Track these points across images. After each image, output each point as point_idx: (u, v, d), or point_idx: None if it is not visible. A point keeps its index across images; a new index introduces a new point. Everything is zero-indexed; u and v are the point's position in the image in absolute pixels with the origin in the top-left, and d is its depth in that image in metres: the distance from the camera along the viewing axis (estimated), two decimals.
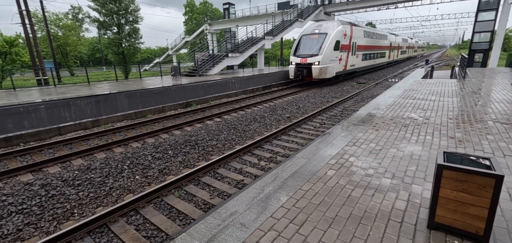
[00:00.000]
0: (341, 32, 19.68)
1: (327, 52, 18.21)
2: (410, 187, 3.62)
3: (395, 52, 39.78)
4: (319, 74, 18.06)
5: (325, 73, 18.40)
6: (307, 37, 19.82)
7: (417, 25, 63.50)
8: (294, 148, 7.34)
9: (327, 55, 18.27)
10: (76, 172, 5.99)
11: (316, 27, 20.10)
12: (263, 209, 3.24)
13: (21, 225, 4.26)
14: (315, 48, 18.56)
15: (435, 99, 9.22)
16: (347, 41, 20.85)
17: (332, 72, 19.23)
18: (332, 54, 18.77)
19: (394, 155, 4.68)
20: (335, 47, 18.96)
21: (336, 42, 18.99)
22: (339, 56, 19.84)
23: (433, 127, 6.19)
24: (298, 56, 19.06)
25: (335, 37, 18.89)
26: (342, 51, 20.22)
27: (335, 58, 19.26)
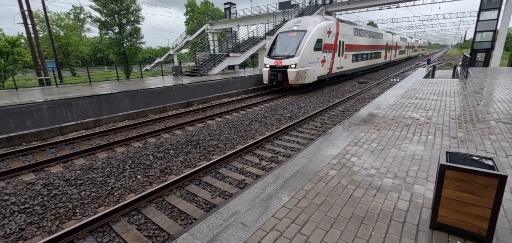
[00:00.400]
0: (324, 29, 16.82)
1: (305, 53, 15.42)
2: (412, 187, 3.60)
3: (393, 52, 36.87)
4: (296, 78, 15.29)
5: (304, 78, 15.69)
6: (284, 35, 16.97)
7: (419, 25, 63.28)
8: (296, 147, 7.33)
9: (305, 57, 15.46)
10: (78, 172, 6.01)
11: (295, 23, 17.31)
12: (265, 209, 3.24)
13: (23, 224, 4.28)
14: (291, 48, 15.86)
15: (437, 99, 9.18)
16: (332, 40, 17.97)
17: (313, 76, 16.40)
18: (312, 55, 15.96)
19: (396, 155, 4.66)
20: (316, 46, 16.27)
21: (317, 41, 16.20)
22: (322, 57, 16.93)
23: (435, 126, 6.17)
24: (272, 58, 16.25)
25: (316, 35, 16.08)
26: (326, 51, 17.34)
27: (316, 60, 16.41)
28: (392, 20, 54.42)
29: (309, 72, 15.95)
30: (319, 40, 16.44)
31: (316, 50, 16.26)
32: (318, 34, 16.35)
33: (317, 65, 16.62)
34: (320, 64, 16.97)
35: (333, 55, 18.58)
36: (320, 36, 16.49)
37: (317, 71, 16.78)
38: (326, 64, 17.75)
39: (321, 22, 16.69)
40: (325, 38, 16.96)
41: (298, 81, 15.54)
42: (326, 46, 17.18)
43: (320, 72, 17.26)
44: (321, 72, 17.33)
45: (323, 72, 17.63)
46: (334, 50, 18.51)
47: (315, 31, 16.10)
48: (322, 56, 17.06)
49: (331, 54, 18.18)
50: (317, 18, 17.16)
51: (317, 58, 16.51)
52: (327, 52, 17.52)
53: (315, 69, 16.55)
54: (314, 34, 16.00)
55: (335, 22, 18.53)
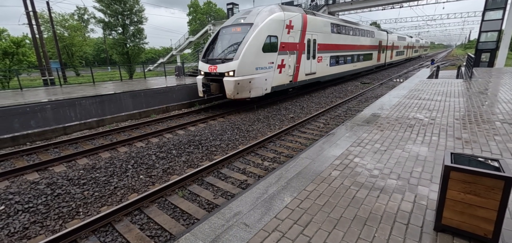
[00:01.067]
0: (280, 23, 12.45)
1: (249, 55, 11.12)
2: (416, 188, 3.57)
3: (388, 53, 32.37)
4: (236, 91, 10.93)
5: (248, 90, 11.40)
6: (226, 31, 12.72)
7: (423, 25, 62.85)
8: (298, 148, 7.31)
9: (249, 60, 11.17)
10: (82, 171, 6.04)
11: (243, 15, 13.09)
12: (267, 209, 3.22)
13: (27, 223, 4.31)
14: (231, 49, 11.73)
15: (441, 100, 9.11)
16: (295, 38, 13.73)
17: (263, 87, 12.08)
18: (260, 58, 11.62)
19: (399, 156, 4.63)
20: (268, 46, 11.90)
21: (268, 39, 11.88)
22: (279, 60, 12.62)
23: (439, 127, 6.11)
24: (207, 62, 11.99)
25: (265, 31, 11.72)
26: (285, 53, 13.01)
27: (268, 64, 12.10)
28: (396, 20, 54.10)
29: (256, 81, 11.58)
30: (271, 38, 12.07)
31: (267, 51, 11.88)
32: (270, 29, 11.93)
33: (269, 72, 12.21)
34: (275, 71, 12.55)
35: (299, 57, 14.17)
36: (273, 32, 12.10)
37: (270, 80, 12.37)
38: (286, 70, 13.31)
39: (275, 13, 12.34)
40: (282, 35, 12.66)
41: (239, 94, 11.13)
42: (285, 45, 12.91)
43: (277, 81, 12.89)
44: (278, 81, 12.92)
45: (281, 81, 13.20)
46: (299, 51, 14.14)
47: (265, 25, 11.68)
48: (279, 60, 12.66)
49: (294, 57, 13.74)
50: (272, 7, 12.78)
51: (269, 62, 12.09)
52: (287, 54, 13.12)
53: (267, 77, 12.13)
54: (262, 29, 11.56)
55: (300, 14, 14.01)
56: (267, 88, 12.34)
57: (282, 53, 12.85)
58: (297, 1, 32.64)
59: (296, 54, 13.91)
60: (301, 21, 14.01)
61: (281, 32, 12.59)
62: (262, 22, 11.67)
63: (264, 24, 11.67)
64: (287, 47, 13.16)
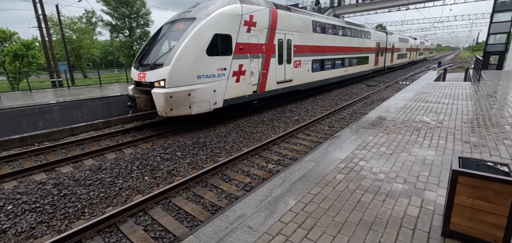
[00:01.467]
0: (233, 18, 9.69)
1: (185, 60, 8.42)
2: (423, 192, 3.51)
3: (388, 56, 29.44)
4: (167, 106, 8.32)
5: (186, 105, 8.66)
6: (169, 28, 10.06)
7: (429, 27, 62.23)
8: (303, 150, 7.27)
9: (185, 67, 8.48)
10: (88, 172, 6.11)
11: (190, 8, 10.39)
12: (271, 212, 3.20)
13: (34, 223, 4.36)
14: (164, 51, 9.37)
15: (448, 103, 8.97)
16: (260, 38, 10.92)
17: (209, 101, 9.25)
18: (203, 63, 8.88)
19: (405, 160, 4.56)
20: (214, 48, 9.10)
21: (215, 38, 9.07)
22: (235, 66, 9.92)
23: (447, 131, 6.01)
24: (138, 67, 9.39)
25: (211, 28, 8.99)
26: (245, 56, 10.27)
27: (216, 72, 9.31)
28: (402, 23, 53.67)
29: (198, 94, 8.80)
30: (221, 37, 9.27)
31: (214, 55, 9.12)
32: (219, 26, 9.18)
33: (220, 81, 9.46)
34: (229, 79, 9.79)
35: (266, 62, 11.40)
36: (223, 29, 9.33)
37: (221, 91, 9.58)
38: (247, 78, 10.54)
39: (228, 6, 9.63)
40: (239, 34, 9.91)
41: (174, 111, 8.43)
42: (243, 47, 10.14)
43: (234, 93, 10.11)
44: (235, 92, 10.16)
45: (240, 92, 10.43)
46: (267, 54, 11.40)
47: (211, 21, 8.97)
48: (235, 65, 9.94)
49: (259, 61, 11.01)
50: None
51: (219, 68, 9.36)
52: (247, 58, 10.34)
53: (217, 88, 9.38)
54: (206, 26, 8.83)
55: (266, 8, 11.13)
56: (217, 101, 9.50)
57: (239, 57, 10.05)
58: (302, 3, 32.68)
59: (261, 58, 11.08)
60: (268, 17, 11.22)
61: (237, 29, 9.82)
62: (207, 16, 8.94)
63: (209, 19, 8.90)
64: (247, 49, 10.34)
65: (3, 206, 4.77)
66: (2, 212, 4.62)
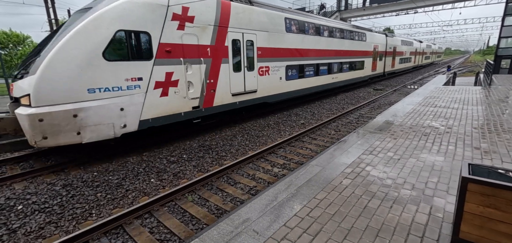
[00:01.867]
0: (152, 9, 7.17)
1: (62, 67, 5.98)
2: (431, 199, 3.44)
3: (389, 60, 26.75)
4: (36, 133, 5.87)
5: (71, 130, 6.20)
6: (68, 22, 7.14)
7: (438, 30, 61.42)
8: (308, 155, 7.22)
9: (65, 76, 6.01)
10: (95, 173, 6.20)
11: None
12: (276, 217, 3.19)
13: (43, 223, 4.44)
14: (37, 55, 6.43)
15: (458, 107, 8.80)
16: (203, 38, 8.51)
17: (113, 123, 6.75)
18: (97, 71, 6.37)
19: (413, 165, 4.49)
20: (118, 50, 6.76)
21: (119, 36, 6.70)
22: (159, 75, 7.48)
23: (456, 136, 5.90)
24: (16, 76, 6.90)
25: (110, 22, 6.54)
26: (177, 62, 7.85)
27: (124, 83, 6.83)
28: (410, 26, 53.09)
29: (92, 114, 6.40)
30: (130, 35, 6.89)
31: (119, 59, 6.73)
32: (126, 19, 6.76)
33: (132, 95, 7.01)
34: (149, 93, 7.33)
35: (214, 69, 8.88)
36: (134, 25, 6.90)
37: (137, 109, 7.16)
38: (183, 90, 8.09)
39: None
40: (163, 31, 7.39)
41: (50, 139, 6.08)
42: (173, 49, 7.64)
43: (160, 110, 7.64)
44: (162, 109, 7.69)
45: (172, 109, 7.94)
46: (215, 59, 8.90)
47: (111, 12, 6.58)
48: (160, 73, 7.47)
49: (202, 68, 8.51)
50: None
51: (129, 78, 6.92)
52: (178, 63, 7.85)
53: (127, 105, 6.94)
54: (103, 19, 6.48)
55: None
56: (128, 123, 6.99)
57: (167, 63, 7.43)
58: (309, 7, 32.70)
59: (206, 65, 8.51)
60: (215, 11, 8.66)
61: (161, 25, 7.23)
62: (106, 6, 6.53)
63: (108, 10, 6.48)
64: (181, 53, 7.77)
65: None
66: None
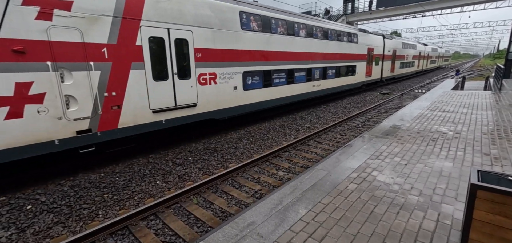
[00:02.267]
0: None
1: None
2: (439, 206, 3.38)
3: (388, 64, 23.77)
4: None
5: None
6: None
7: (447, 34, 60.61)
8: (314, 158, 7.19)
9: None
10: (102, 175, 6.28)
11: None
12: (281, 221, 3.18)
13: (51, 223, 4.52)
14: None
15: (467, 112, 8.65)
16: (95, 33, 6.08)
17: None
18: None
19: (421, 171, 4.42)
20: None
21: None
22: (3, 87, 4.95)
23: (465, 142, 5.79)
24: None
25: None
26: (36, 67, 5.30)
27: None
28: (417, 30, 52.57)
29: None
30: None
31: None
32: None
33: None
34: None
35: (117, 77, 6.54)
36: None
37: None
38: (54, 108, 5.64)
39: None
40: (6, 21, 4.98)
41: None
42: (30, 49, 5.25)
43: (7, 140, 5.13)
44: (12, 137, 5.18)
45: (34, 136, 5.44)
46: (119, 62, 6.53)
47: None
48: (1, 84, 4.96)
49: (93, 77, 6.13)
50: None
51: None
52: (40, 69, 5.38)
53: None
54: None
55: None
56: None
57: (14, 69, 5.11)
58: (315, 11, 32.71)
59: (101, 71, 6.24)
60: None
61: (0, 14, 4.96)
62: None
63: None
64: (45, 54, 5.46)
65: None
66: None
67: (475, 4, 27.70)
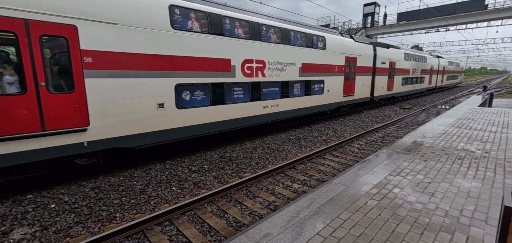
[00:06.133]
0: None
1: None
2: (467, 229, 3.16)
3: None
4: None
5: None
6: None
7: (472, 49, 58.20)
8: (330, 172, 7.01)
9: None
10: (121, 178, 6.46)
11: None
12: (298, 234, 3.09)
13: (72, 223, 4.67)
14: None
15: (496, 131, 8.15)
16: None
17: None
18: None
19: (446, 190, 4.18)
20: None
21: None
22: None
23: (495, 162, 5.43)
24: None
25: None
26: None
27: None
28: (440, 44, 50.87)
29: None
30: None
31: None
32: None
33: None
34: None
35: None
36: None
37: None
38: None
39: None
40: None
41: None
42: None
43: None
44: None
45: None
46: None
47: None
48: None
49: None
50: None
51: None
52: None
53: None
54: None
55: None
56: None
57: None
58: (333, 23, 32.64)
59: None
60: None
61: None
62: None
63: None
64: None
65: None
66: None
67: (504, 18, 26.50)
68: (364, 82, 16.43)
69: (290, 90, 11.28)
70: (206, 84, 8.19)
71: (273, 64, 10.30)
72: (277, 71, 10.54)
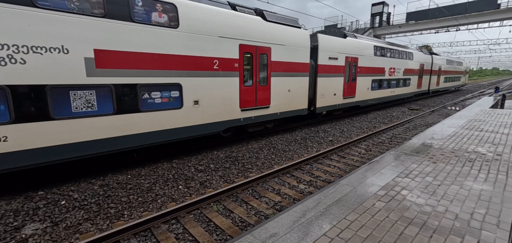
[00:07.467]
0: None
1: None
2: (478, 233, 3.09)
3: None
4: None
5: None
6: None
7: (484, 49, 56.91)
8: (337, 173, 6.95)
9: None
10: (129, 177, 6.55)
11: None
12: (305, 234, 3.08)
13: (81, 219, 4.76)
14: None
15: (508, 133, 7.95)
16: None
17: None
18: None
19: (456, 193, 4.10)
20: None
21: None
22: None
23: (508, 164, 5.30)
24: None
25: None
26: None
27: None
28: (451, 44, 49.90)
29: None
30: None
31: None
32: None
33: None
34: None
35: None
36: None
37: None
38: None
39: None
40: None
41: None
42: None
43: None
44: None
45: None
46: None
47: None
48: None
49: None
50: None
51: None
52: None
53: None
54: None
55: None
56: None
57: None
58: (340, 23, 32.37)
59: None
60: None
61: None
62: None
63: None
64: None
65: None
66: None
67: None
68: (291, 86, 10.84)
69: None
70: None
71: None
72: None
